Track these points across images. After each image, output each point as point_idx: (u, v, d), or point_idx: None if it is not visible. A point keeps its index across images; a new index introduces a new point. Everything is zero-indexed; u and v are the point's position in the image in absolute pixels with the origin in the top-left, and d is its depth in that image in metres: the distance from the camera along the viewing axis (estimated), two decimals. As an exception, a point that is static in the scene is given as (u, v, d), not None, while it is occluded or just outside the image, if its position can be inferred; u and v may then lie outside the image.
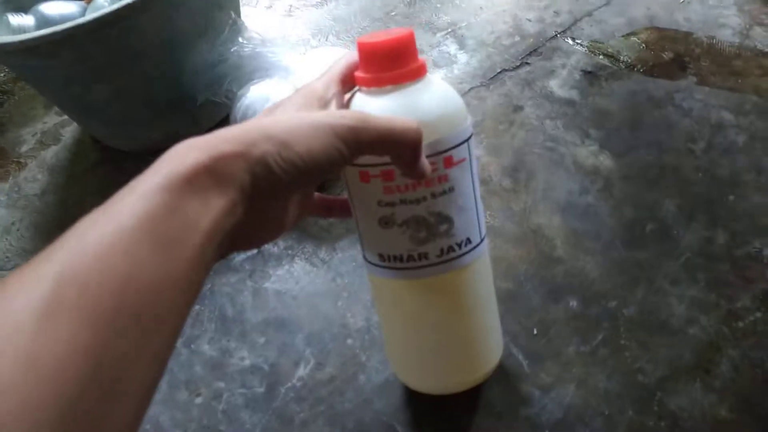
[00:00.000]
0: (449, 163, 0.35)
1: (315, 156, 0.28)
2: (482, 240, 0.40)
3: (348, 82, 0.36)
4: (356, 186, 0.36)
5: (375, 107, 0.34)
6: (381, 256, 0.38)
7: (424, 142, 0.32)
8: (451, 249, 0.38)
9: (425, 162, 0.33)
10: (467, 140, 0.36)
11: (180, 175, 0.25)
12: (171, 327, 0.24)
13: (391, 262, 0.38)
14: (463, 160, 0.36)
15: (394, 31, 0.35)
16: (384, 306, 0.43)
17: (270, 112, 0.33)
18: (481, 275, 0.41)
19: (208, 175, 0.26)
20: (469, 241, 0.38)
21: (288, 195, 0.33)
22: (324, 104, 0.33)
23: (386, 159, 0.33)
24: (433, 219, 0.36)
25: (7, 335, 0.19)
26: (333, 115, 0.31)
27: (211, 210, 0.25)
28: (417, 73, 0.35)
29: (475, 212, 0.38)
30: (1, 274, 0.63)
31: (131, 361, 0.22)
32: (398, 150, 0.32)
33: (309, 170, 0.29)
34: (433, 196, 0.36)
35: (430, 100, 0.35)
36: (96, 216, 0.24)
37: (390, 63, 0.34)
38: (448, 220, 0.37)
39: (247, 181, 0.27)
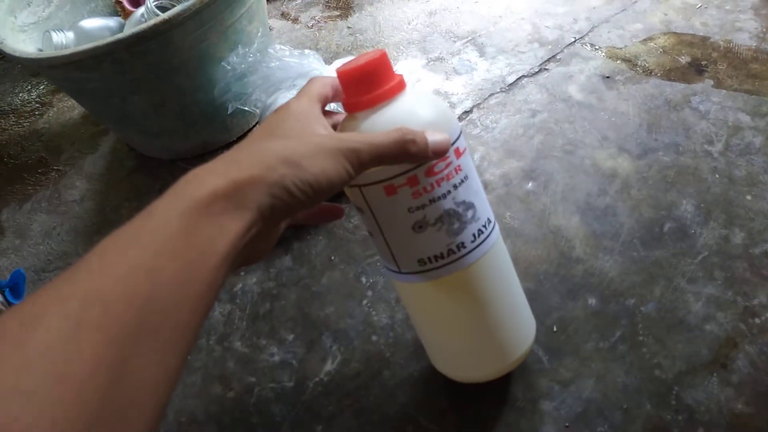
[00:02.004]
0: (459, 153, 0.38)
1: (329, 176, 0.30)
2: (493, 218, 0.43)
3: (323, 102, 0.37)
4: (382, 202, 0.37)
5: (371, 126, 0.36)
6: (421, 260, 0.40)
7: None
8: (480, 232, 0.40)
9: (438, 139, 0.35)
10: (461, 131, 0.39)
11: (199, 200, 0.26)
12: (186, 343, 0.25)
13: (433, 262, 0.39)
14: (465, 148, 0.39)
15: (369, 56, 0.36)
16: (426, 310, 0.45)
17: (270, 134, 0.33)
18: (505, 252, 0.45)
19: (226, 200, 0.27)
20: (489, 220, 0.41)
21: (298, 213, 0.35)
22: (311, 121, 0.34)
23: (407, 166, 0.35)
24: (461, 208, 0.38)
25: (39, 354, 0.20)
26: (337, 138, 0.32)
27: (228, 233, 0.27)
28: (400, 87, 0.37)
29: (484, 193, 0.41)
30: (44, 276, 0.67)
31: (149, 377, 0.23)
32: (404, 157, 0.34)
33: (323, 189, 0.31)
34: (455, 187, 0.38)
35: (424, 105, 0.37)
36: (117, 238, 0.25)
37: (373, 84, 0.36)
38: (471, 206, 0.39)
39: (266, 203, 0.28)
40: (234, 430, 0.52)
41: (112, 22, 0.76)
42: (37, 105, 0.91)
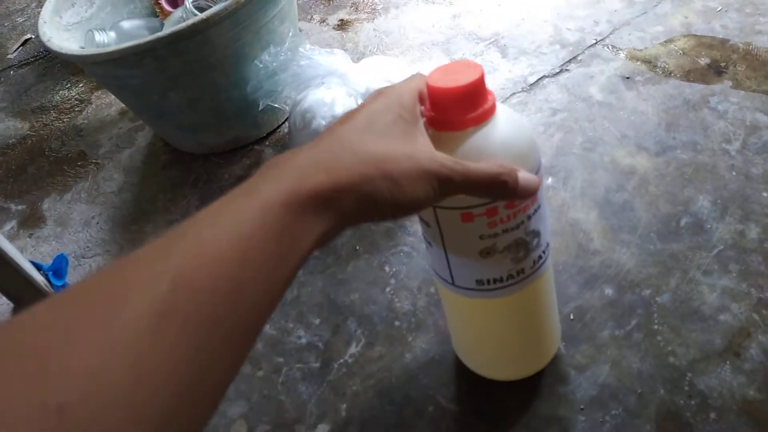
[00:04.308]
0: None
1: (417, 199, 0.30)
2: (549, 241, 0.42)
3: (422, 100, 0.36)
4: (455, 226, 0.37)
5: (464, 152, 0.34)
6: (479, 281, 0.40)
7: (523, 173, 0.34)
8: (540, 257, 0.41)
9: (528, 180, 0.34)
10: None
11: (301, 195, 0.26)
12: (256, 336, 0.25)
13: (491, 284, 0.40)
14: (542, 176, 0.38)
15: (463, 71, 0.33)
16: (470, 320, 0.47)
17: (372, 124, 0.31)
18: (551, 270, 0.45)
19: (323, 201, 0.27)
20: (547, 244, 0.41)
21: None
22: (414, 119, 0.33)
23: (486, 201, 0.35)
24: (530, 237, 0.38)
25: (124, 340, 0.20)
26: (437, 161, 0.31)
27: (312, 234, 0.27)
28: (493, 109, 0.34)
29: (548, 219, 0.41)
30: (83, 262, 0.70)
31: (223, 368, 0.23)
32: (494, 194, 0.33)
33: (405, 210, 0.30)
34: (529, 218, 0.37)
35: (517, 134, 0.35)
36: (213, 216, 0.25)
37: (467, 107, 0.33)
38: (538, 233, 0.39)
39: (352, 211, 0.28)
40: (262, 406, 0.54)
41: (150, 22, 0.80)
42: (77, 102, 0.95)
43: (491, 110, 0.34)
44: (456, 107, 0.33)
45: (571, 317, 0.55)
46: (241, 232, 0.24)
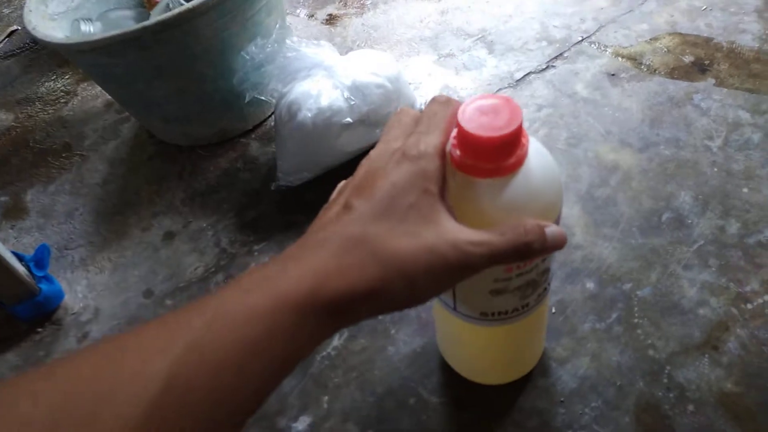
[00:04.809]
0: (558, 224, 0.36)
1: (436, 292, 0.30)
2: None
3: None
4: None
5: (493, 204, 0.32)
6: (484, 313, 0.39)
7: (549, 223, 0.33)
8: (545, 290, 0.40)
9: (556, 234, 0.32)
10: None
11: (317, 300, 0.26)
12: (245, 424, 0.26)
13: (495, 316, 0.39)
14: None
15: (500, 111, 0.30)
16: (465, 339, 0.47)
17: (391, 205, 0.29)
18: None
19: (338, 309, 0.26)
20: (552, 274, 0.41)
21: None
22: (439, 189, 0.30)
23: None
24: (542, 277, 0.38)
25: None
26: (459, 248, 0.29)
27: (320, 338, 0.27)
28: (525, 155, 0.32)
29: None
30: (65, 253, 0.70)
31: None
32: (519, 259, 0.32)
33: (423, 302, 0.29)
34: (544, 260, 0.36)
35: (547, 181, 0.34)
36: (225, 306, 0.25)
37: (503, 155, 0.31)
38: (548, 270, 0.39)
39: (363, 314, 0.28)
40: (245, 397, 0.54)
41: (137, 13, 0.79)
42: (63, 93, 0.94)
43: (525, 155, 0.31)
44: (491, 155, 0.30)
45: (553, 310, 0.55)
46: (247, 336, 0.24)
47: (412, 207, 0.29)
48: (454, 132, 0.32)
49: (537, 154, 0.33)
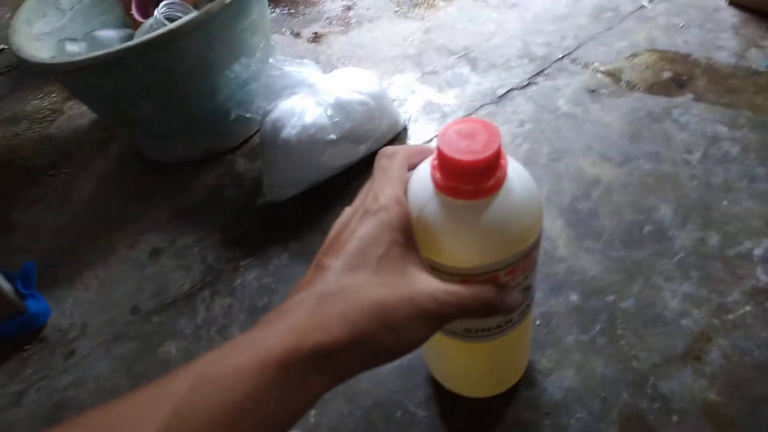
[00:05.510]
0: (537, 244, 0.36)
1: (418, 342, 0.30)
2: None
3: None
4: None
5: (476, 220, 0.33)
6: (467, 330, 0.39)
7: (527, 245, 0.34)
8: (527, 306, 0.41)
9: (513, 301, 0.34)
10: None
11: (299, 355, 0.26)
12: None
13: (478, 332, 0.39)
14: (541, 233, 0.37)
15: (479, 135, 0.31)
16: (450, 355, 0.47)
17: (364, 259, 0.30)
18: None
19: (321, 362, 0.27)
20: (534, 290, 0.41)
21: None
22: (407, 239, 0.32)
23: (493, 267, 0.34)
24: (523, 294, 0.38)
25: None
26: (433, 299, 0.30)
27: (308, 395, 0.27)
28: (504, 176, 0.32)
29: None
30: (52, 271, 0.69)
31: None
32: (480, 316, 0.33)
33: (407, 353, 0.30)
34: (526, 277, 0.37)
35: (525, 205, 0.34)
36: (210, 369, 0.25)
37: (483, 177, 0.31)
38: (531, 287, 0.39)
39: (351, 367, 0.28)
40: (231, 414, 0.54)
41: (123, 33, 0.80)
42: (49, 112, 0.94)
43: (504, 176, 0.32)
44: (471, 178, 0.31)
45: (537, 323, 0.56)
46: (233, 397, 0.24)
47: (382, 258, 0.30)
48: (435, 155, 0.33)
49: (517, 176, 0.34)
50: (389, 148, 0.36)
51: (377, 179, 0.34)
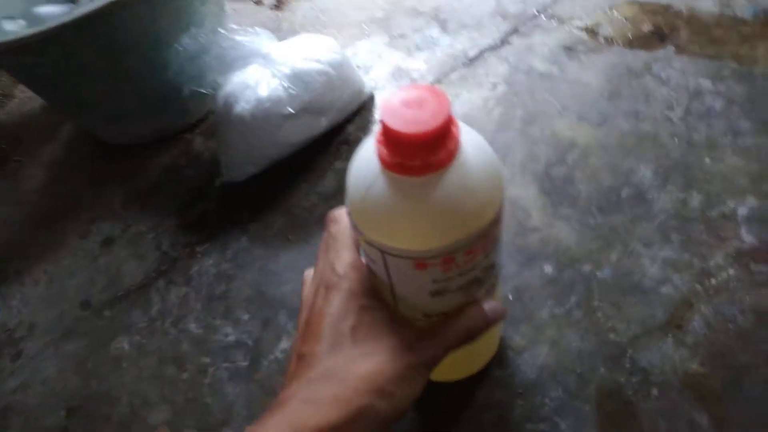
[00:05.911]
0: (499, 221, 0.34)
1: (414, 396, 0.31)
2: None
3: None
4: (406, 272, 0.32)
5: (428, 198, 0.29)
6: (427, 314, 0.36)
7: (485, 223, 0.31)
8: (492, 285, 0.38)
9: (495, 311, 0.36)
10: None
11: None
12: None
13: (439, 316, 0.36)
14: (503, 209, 0.34)
15: (426, 103, 0.28)
16: None
17: (353, 338, 0.31)
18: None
19: None
20: (500, 267, 0.38)
21: None
22: (373, 301, 0.34)
23: (449, 248, 0.31)
24: (485, 273, 0.35)
25: None
26: (418, 349, 0.32)
27: None
28: (456, 149, 0.29)
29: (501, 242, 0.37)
30: (2, 266, 0.66)
31: None
32: (467, 343, 0.35)
33: (406, 409, 0.31)
34: (486, 256, 0.34)
35: (485, 173, 0.31)
36: None
37: (432, 150, 0.28)
38: (494, 266, 0.36)
39: None
40: (187, 410, 0.51)
41: (66, 8, 0.75)
42: None
43: (456, 148, 0.29)
44: (419, 152, 0.28)
45: (510, 297, 0.52)
46: None
47: (355, 329, 0.31)
48: (379, 129, 0.29)
49: (472, 146, 0.31)
50: (333, 213, 0.36)
51: (330, 248, 0.35)
